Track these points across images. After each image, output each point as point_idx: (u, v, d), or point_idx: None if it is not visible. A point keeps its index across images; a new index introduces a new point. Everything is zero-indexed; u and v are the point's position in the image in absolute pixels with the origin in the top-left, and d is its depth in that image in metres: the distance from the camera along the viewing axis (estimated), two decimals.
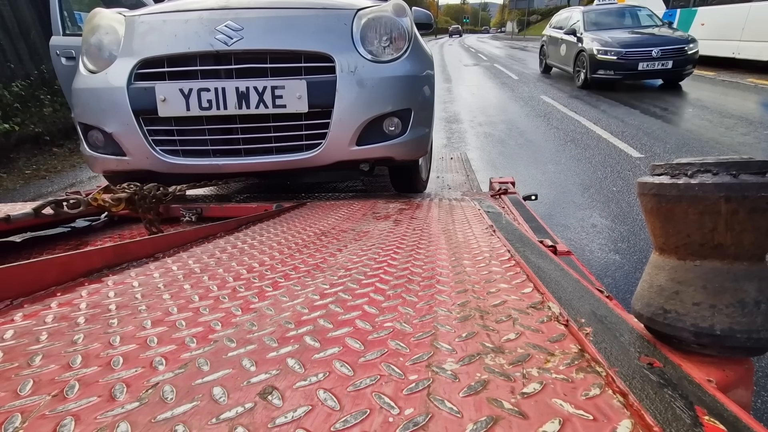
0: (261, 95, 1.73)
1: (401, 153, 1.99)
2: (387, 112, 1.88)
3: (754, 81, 8.71)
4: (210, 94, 1.73)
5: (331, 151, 1.84)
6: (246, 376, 0.50)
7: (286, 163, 1.85)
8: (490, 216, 1.45)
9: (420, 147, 2.10)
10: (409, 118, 1.95)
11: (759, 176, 0.45)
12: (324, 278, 0.86)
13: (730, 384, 0.48)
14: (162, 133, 1.83)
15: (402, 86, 1.91)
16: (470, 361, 0.51)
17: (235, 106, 1.74)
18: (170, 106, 1.74)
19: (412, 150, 2.04)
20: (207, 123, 1.80)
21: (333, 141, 1.82)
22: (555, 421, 0.40)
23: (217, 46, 1.73)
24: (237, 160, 1.85)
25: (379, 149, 1.92)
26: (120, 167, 1.90)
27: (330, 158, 1.86)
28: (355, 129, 1.82)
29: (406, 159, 2.06)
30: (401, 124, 1.94)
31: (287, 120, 1.80)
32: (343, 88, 1.78)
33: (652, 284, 0.55)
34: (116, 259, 1.02)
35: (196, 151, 1.86)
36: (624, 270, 2.54)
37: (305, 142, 1.85)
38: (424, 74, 2.07)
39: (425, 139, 2.14)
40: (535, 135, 5.91)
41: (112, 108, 1.78)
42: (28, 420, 0.44)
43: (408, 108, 1.94)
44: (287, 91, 1.74)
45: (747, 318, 0.47)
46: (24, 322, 0.70)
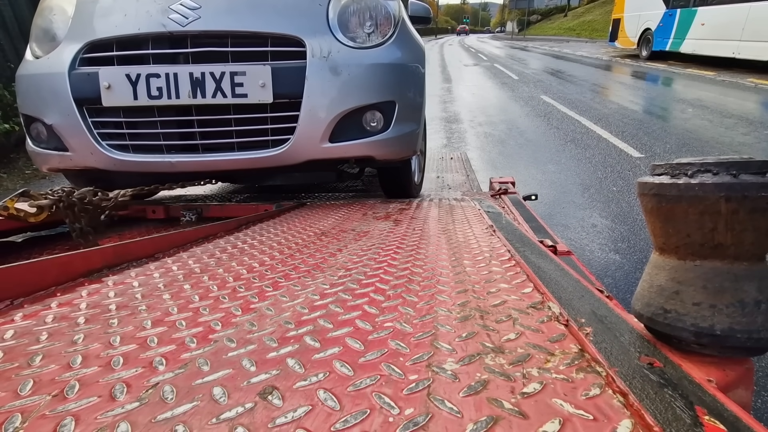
0: (218, 82, 1.53)
1: (383, 152, 1.78)
2: (366, 105, 1.67)
3: (754, 81, 8.71)
4: (160, 80, 1.53)
5: (301, 148, 1.64)
6: (246, 376, 0.50)
7: (250, 162, 1.65)
8: (490, 216, 1.45)
9: (406, 145, 1.89)
10: (392, 112, 1.74)
11: (759, 176, 0.45)
12: (324, 278, 0.86)
13: (731, 384, 0.48)
14: (108, 125, 1.64)
15: (385, 76, 1.70)
16: (470, 361, 0.51)
17: (188, 95, 1.54)
18: (116, 95, 1.55)
19: (396, 148, 1.82)
20: (159, 114, 1.61)
21: (302, 136, 1.61)
22: (555, 421, 0.40)
23: (171, 26, 1.54)
24: (194, 158, 1.65)
25: (357, 147, 1.71)
26: (62, 164, 1.71)
27: (299, 156, 1.66)
28: (328, 123, 1.61)
29: (389, 159, 1.85)
30: (383, 118, 1.73)
31: (250, 111, 1.60)
32: (313, 75, 1.57)
33: (652, 284, 0.55)
34: (116, 259, 1.02)
35: (148, 146, 1.67)
36: (624, 270, 2.54)
37: (271, 138, 1.64)
38: (413, 64, 1.87)
39: (412, 137, 1.94)
40: (535, 135, 5.92)
41: (52, 97, 1.59)
42: (28, 420, 0.44)
43: (391, 101, 1.73)
44: (249, 78, 1.54)
45: (747, 318, 0.47)
46: (24, 322, 0.70)
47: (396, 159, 1.90)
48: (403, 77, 1.81)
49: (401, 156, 1.90)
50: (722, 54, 10.22)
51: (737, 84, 8.66)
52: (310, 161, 1.68)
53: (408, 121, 1.84)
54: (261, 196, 2.53)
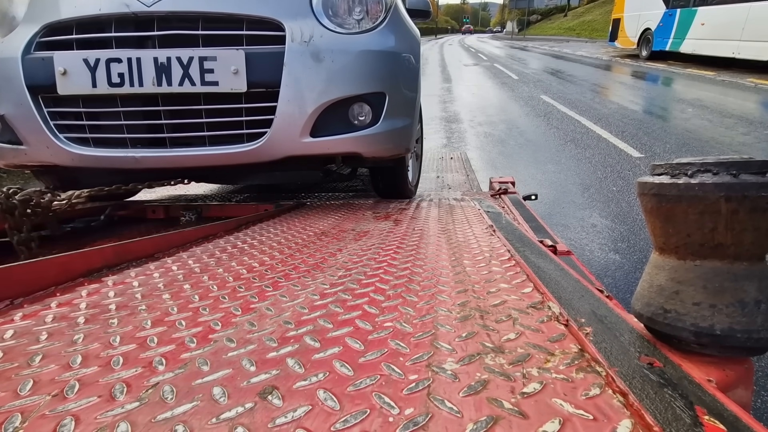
0: (186, 69, 1.39)
1: (372, 148, 1.63)
2: (352, 96, 1.53)
3: (754, 81, 8.71)
4: (122, 66, 1.39)
5: (279, 143, 1.50)
6: (246, 376, 0.50)
7: (223, 158, 1.51)
8: (490, 216, 1.45)
9: (397, 142, 1.74)
10: (382, 104, 1.60)
11: (759, 176, 0.45)
12: (324, 278, 0.86)
13: (730, 384, 0.48)
14: (67, 116, 1.50)
15: (373, 64, 1.56)
16: (470, 361, 0.51)
17: (153, 82, 1.40)
18: (72, 82, 1.41)
19: (386, 145, 1.68)
20: (122, 104, 1.47)
21: (280, 130, 1.48)
22: (555, 420, 0.40)
23: (135, 6, 1.40)
24: (160, 153, 1.51)
25: (343, 142, 1.56)
26: (17, 160, 1.55)
27: (277, 152, 1.52)
28: (309, 115, 1.47)
29: (378, 156, 1.69)
30: (371, 112, 1.59)
31: (222, 101, 1.46)
32: (293, 62, 1.43)
33: (652, 284, 0.55)
34: (116, 259, 1.02)
35: (110, 140, 1.52)
36: (624, 270, 2.54)
37: (246, 131, 1.50)
38: (405, 54, 1.73)
39: (405, 133, 1.79)
40: (535, 135, 5.91)
41: (5, 83, 1.44)
42: (28, 420, 0.44)
43: (380, 92, 1.59)
44: (220, 64, 1.39)
45: (747, 318, 0.47)
46: (24, 321, 0.70)
47: (386, 157, 1.75)
48: (395, 67, 1.66)
49: (392, 153, 1.75)
50: (722, 54, 10.22)
51: (737, 84, 8.66)
52: (289, 158, 1.54)
53: (399, 115, 1.71)
54: (261, 196, 2.53)
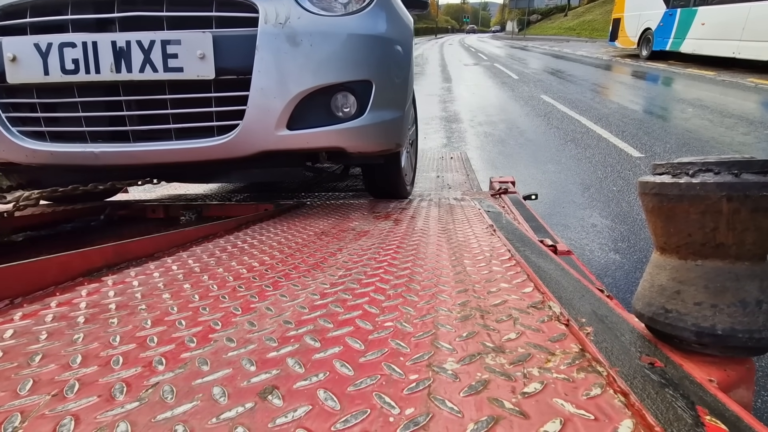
0: (147, 53, 1.28)
1: (357, 143, 1.50)
2: (334, 84, 1.40)
3: (754, 81, 8.71)
4: (76, 51, 1.27)
5: (252, 137, 1.38)
6: (246, 375, 0.50)
7: (191, 153, 1.40)
8: (491, 215, 1.45)
9: (386, 136, 1.60)
10: (368, 94, 1.47)
11: (761, 175, 0.45)
12: (324, 278, 0.86)
13: (732, 384, 0.48)
14: (20, 107, 1.39)
15: (358, 50, 1.43)
16: (471, 361, 0.51)
17: (111, 69, 1.29)
18: (23, 69, 1.30)
19: (372, 140, 1.55)
20: (80, 94, 1.35)
21: (253, 122, 1.36)
22: (556, 420, 0.40)
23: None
24: (123, 148, 1.39)
25: (323, 136, 1.43)
26: None
27: (250, 147, 1.40)
28: (285, 106, 1.35)
29: (364, 152, 1.56)
30: (357, 102, 1.46)
31: (189, 90, 1.35)
32: (266, 46, 1.31)
33: (653, 284, 0.55)
34: (116, 259, 1.02)
35: (67, 133, 1.40)
36: (624, 269, 2.54)
37: (216, 123, 1.38)
38: (395, 40, 1.59)
39: (394, 127, 1.65)
40: (535, 134, 5.91)
41: None
42: (27, 419, 0.44)
43: (366, 80, 1.46)
44: (185, 48, 1.28)
45: (748, 318, 0.47)
46: (23, 321, 0.70)
47: (373, 152, 1.61)
48: (382, 54, 1.53)
49: (380, 149, 1.61)
50: (722, 54, 10.21)
51: (737, 84, 8.66)
52: (264, 153, 1.42)
53: (388, 106, 1.57)
54: (261, 196, 2.53)
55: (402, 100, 1.70)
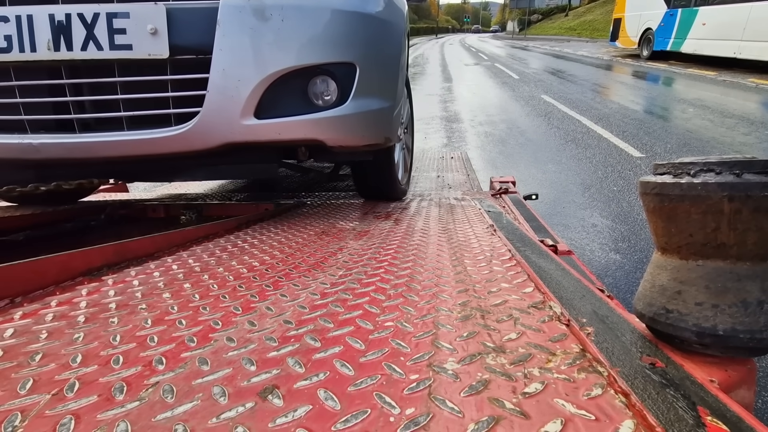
0: (90, 28, 1.13)
1: (337, 135, 1.33)
2: (310, 66, 1.23)
3: (755, 81, 8.70)
4: (8, 26, 1.12)
5: (213, 126, 1.21)
6: (246, 375, 0.50)
7: (145, 145, 1.23)
8: (491, 215, 1.45)
9: (372, 128, 1.43)
10: (351, 79, 1.30)
11: (762, 175, 0.45)
12: (324, 277, 0.86)
13: (733, 384, 0.48)
14: None
15: (340, 27, 1.25)
16: (471, 361, 0.51)
17: (48, 46, 1.13)
18: None
19: (357, 132, 1.37)
20: (16, 76, 1.19)
21: (215, 109, 1.19)
22: (557, 421, 0.40)
23: None
24: (67, 139, 1.22)
25: (298, 126, 1.26)
26: None
27: (212, 138, 1.23)
28: (252, 90, 1.19)
29: (347, 146, 1.38)
30: (338, 88, 1.29)
31: (141, 71, 1.19)
32: (229, 20, 1.15)
33: (654, 284, 0.55)
34: (116, 258, 1.02)
35: (2, 122, 1.25)
36: (625, 270, 2.53)
37: (173, 111, 1.22)
38: (385, 19, 1.43)
39: (383, 118, 1.47)
40: (536, 134, 5.91)
41: None
42: (27, 419, 0.43)
43: (349, 63, 1.28)
44: (134, 23, 1.13)
45: (750, 318, 0.47)
46: (24, 320, 0.70)
47: (358, 147, 1.43)
48: (369, 33, 1.35)
49: (365, 143, 1.43)
50: (723, 54, 10.20)
51: (738, 84, 8.65)
52: (229, 146, 1.26)
53: (375, 95, 1.40)
54: (261, 195, 2.53)
55: (392, 88, 1.53)
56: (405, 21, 1.71)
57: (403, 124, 2.00)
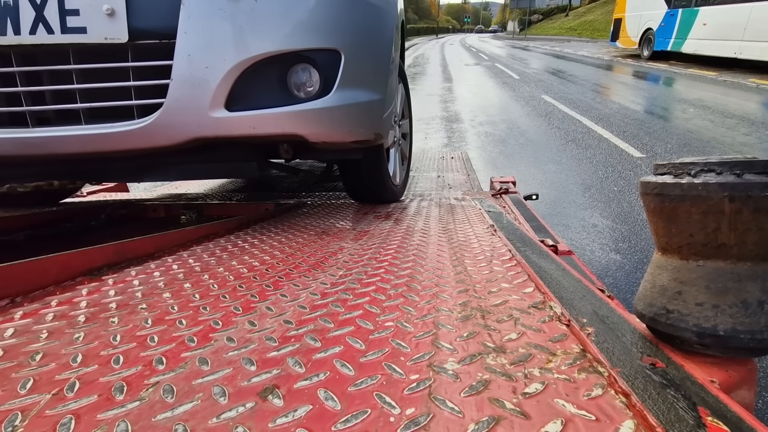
0: (39, 9, 1.02)
1: (320, 130, 1.20)
2: (288, 53, 1.11)
3: (755, 81, 8.70)
4: None
5: (179, 120, 1.10)
6: (246, 375, 0.50)
7: (105, 141, 1.11)
8: (491, 215, 1.45)
9: (359, 123, 1.30)
10: (335, 67, 1.18)
11: (763, 176, 0.45)
12: (325, 277, 0.86)
13: (733, 385, 0.48)
14: None
15: (323, 9, 1.14)
16: (471, 361, 0.51)
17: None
18: None
19: (342, 126, 1.24)
20: None
21: (180, 100, 1.08)
22: (557, 421, 0.40)
23: None
24: (18, 134, 1.11)
25: (275, 120, 1.14)
26: None
27: (178, 133, 1.12)
28: (222, 79, 1.07)
29: (331, 142, 1.25)
30: (320, 77, 1.17)
31: (98, 58, 1.07)
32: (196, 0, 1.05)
33: (654, 284, 0.55)
34: (116, 258, 1.02)
35: None
36: (625, 270, 2.53)
37: (136, 102, 1.11)
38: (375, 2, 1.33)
39: (372, 112, 1.35)
40: (536, 134, 5.91)
41: None
42: (28, 418, 0.43)
43: (333, 50, 1.17)
44: (88, 3, 1.02)
45: (750, 318, 0.47)
46: (24, 320, 0.70)
47: (343, 143, 1.30)
48: (356, 17, 1.23)
49: (352, 139, 1.30)
50: (724, 54, 10.20)
51: (739, 84, 8.64)
52: (198, 141, 1.14)
53: (363, 86, 1.29)
54: (261, 195, 2.53)
55: (382, 79, 1.41)
56: (397, 8, 1.61)
57: (397, 120, 1.91)
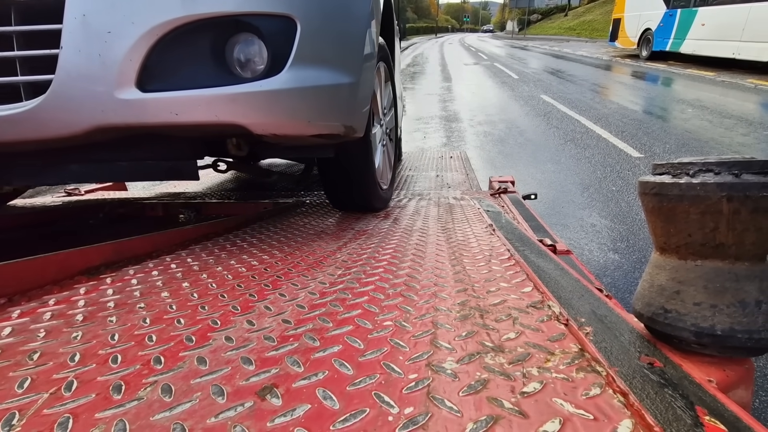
0: None
1: (268, 119, 0.92)
2: (223, 16, 0.85)
3: (753, 82, 8.71)
4: None
5: (73, 102, 0.84)
6: (245, 374, 0.50)
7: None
8: (490, 215, 1.45)
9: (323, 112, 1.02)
10: (289, 39, 0.91)
11: (761, 176, 0.45)
12: (323, 276, 0.86)
13: (731, 384, 0.48)
14: None
15: None
16: (470, 360, 0.51)
17: None
18: None
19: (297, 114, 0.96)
20: None
21: (73, 75, 0.83)
22: (555, 420, 0.40)
23: None
24: None
25: (206, 104, 0.87)
26: None
27: (74, 119, 0.86)
28: (130, 49, 0.81)
29: (284, 134, 0.97)
30: (268, 51, 0.91)
31: None
32: None
33: (652, 284, 0.55)
34: (115, 257, 1.02)
35: None
36: (623, 269, 2.54)
37: (22, 79, 0.86)
38: None
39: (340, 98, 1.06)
40: (535, 134, 5.91)
41: None
42: (25, 417, 0.43)
43: (286, 15, 0.90)
44: None
45: (748, 318, 0.47)
46: (22, 319, 0.69)
47: (300, 137, 1.02)
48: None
49: (312, 132, 1.01)
50: (722, 54, 10.22)
51: (737, 85, 8.66)
52: (104, 130, 0.88)
53: (327, 64, 1.00)
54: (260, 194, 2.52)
55: (354, 57, 1.10)
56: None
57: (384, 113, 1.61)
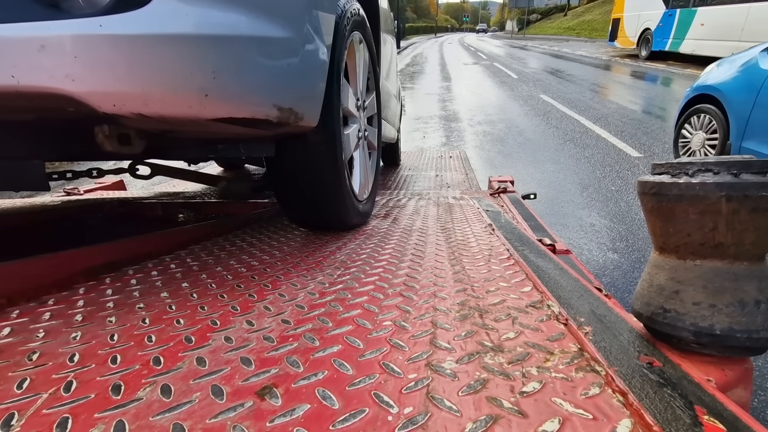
0: None
1: (123, 85, 0.57)
2: None
3: None
4: None
5: None
6: (244, 374, 0.50)
7: None
8: (489, 215, 1.45)
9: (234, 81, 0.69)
10: None
11: (760, 176, 0.45)
12: (323, 276, 0.86)
13: (730, 383, 0.48)
14: None
15: None
16: (469, 360, 0.51)
17: None
18: None
19: (182, 81, 0.62)
20: None
21: None
22: (555, 420, 0.40)
23: None
24: None
25: None
26: None
27: None
28: None
29: (159, 116, 0.62)
30: None
31: None
32: None
33: (651, 283, 0.55)
34: (114, 257, 1.01)
35: None
36: (622, 269, 2.54)
37: None
38: None
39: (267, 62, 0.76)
40: (534, 134, 5.91)
41: None
42: (24, 417, 0.43)
43: None
44: None
45: (747, 318, 0.47)
46: (21, 319, 0.69)
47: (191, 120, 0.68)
48: None
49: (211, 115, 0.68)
50: (721, 54, 10.16)
51: None
52: None
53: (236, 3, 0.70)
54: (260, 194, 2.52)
55: (292, 5, 0.82)
56: None
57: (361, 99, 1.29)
